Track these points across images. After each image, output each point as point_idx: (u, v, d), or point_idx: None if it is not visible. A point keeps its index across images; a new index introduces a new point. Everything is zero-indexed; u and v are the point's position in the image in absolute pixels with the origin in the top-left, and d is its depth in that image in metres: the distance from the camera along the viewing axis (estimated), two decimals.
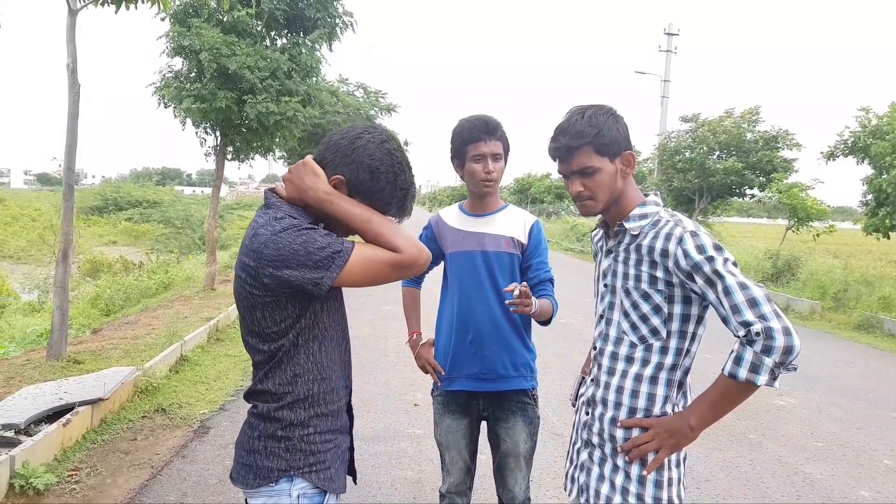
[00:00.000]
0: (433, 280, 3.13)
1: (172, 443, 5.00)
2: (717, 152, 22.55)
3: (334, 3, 11.72)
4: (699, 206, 22.38)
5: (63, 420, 4.59)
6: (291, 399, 1.83)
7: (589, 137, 1.97)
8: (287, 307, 1.77)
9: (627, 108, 2.09)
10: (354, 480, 2.11)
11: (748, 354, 1.75)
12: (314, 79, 12.02)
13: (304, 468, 1.83)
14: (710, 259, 1.82)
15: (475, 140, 2.76)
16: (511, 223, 2.89)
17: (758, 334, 1.73)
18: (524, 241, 2.88)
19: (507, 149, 2.84)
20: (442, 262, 3.03)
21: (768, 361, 1.73)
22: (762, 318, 1.74)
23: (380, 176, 1.83)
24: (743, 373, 1.76)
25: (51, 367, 6.16)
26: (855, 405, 6.75)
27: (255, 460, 1.84)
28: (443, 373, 2.94)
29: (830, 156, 14.94)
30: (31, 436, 4.33)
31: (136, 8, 6.03)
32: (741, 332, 1.77)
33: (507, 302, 2.63)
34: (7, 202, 44.25)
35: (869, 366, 8.80)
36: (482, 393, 2.90)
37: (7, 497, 3.86)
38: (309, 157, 1.86)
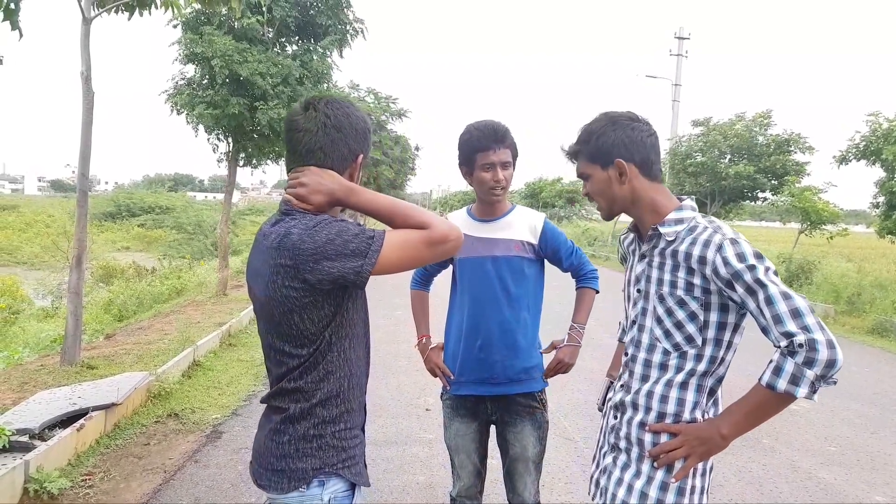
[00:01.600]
0: (443, 285, 3.14)
1: (185, 447, 5.02)
2: (729, 156, 22.49)
3: (345, 9, 11.78)
4: (711, 210, 22.30)
5: (77, 425, 4.62)
6: (323, 396, 1.84)
7: (582, 145, 2.05)
8: (324, 306, 1.78)
9: (638, 112, 2.08)
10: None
11: (789, 366, 1.70)
12: (325, 85, 12.09)
13: (337, 464, 1.85)
14: (752, 268, 1.76)
15: (484, 148, 2.75)
16: (520, 226, 2.89)
17: (801, 346, 1.68)
18: (534, 241, 2.88)
19: (515, 155, 2.84)
20: (450, 266, 3.04)
21: (809, 374, 1.68)
22: (805, 329, 1.69)
23: (370, 127, 1.98)
24: (782, 384, 1.72)
25: (64, 373, 6.20)
26: (869, 409, 6.70)
27: (288, 464, 1.83)
28: (452, 377, 2.95)
29: (843, 160, 14.89)
30: (46, 440, 4.36)
31: (149, 14, 6.07)
32: (783, 343, 1.71)
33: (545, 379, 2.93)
34: (21, 209, 44.61)
35: (883, 370, 8.74)
36: (490, 397, 2.91)
37: (21, 501, 3.89)
38: (306, 168, 1.87)
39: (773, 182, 21.55)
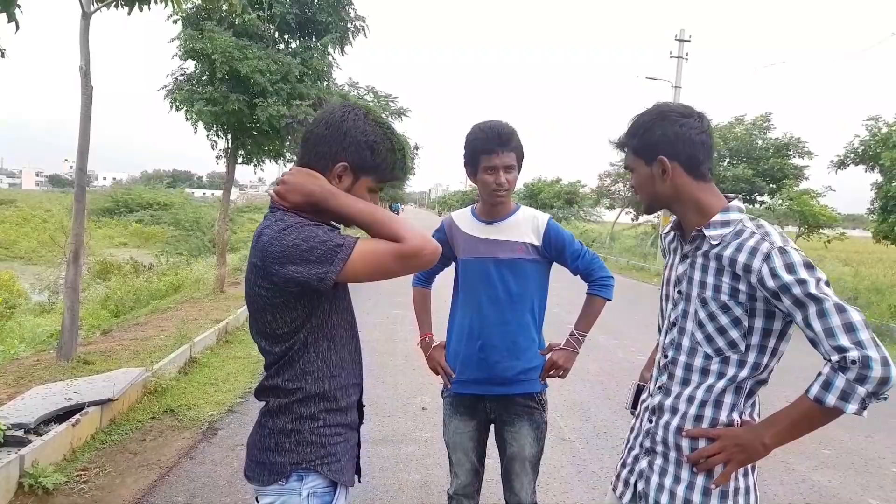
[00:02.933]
0: (447, 285, 3.13)
1: (181, 444, 5.02)
2: (728, 159, 22.51)
3: (346, 7, 11.77)
4: None
5: (72, 420, 4.62)
6: (302, 395, 1.86)
7: (629, 138, 2.01)
8: (296, 307, 1.79)
9: (693, 107, 2.01)
10: (359, 479, 2.13)
11: (839, 381, 1.66)
12: (325, 83, 12.08)
13: (315, 460, 1.86)
14: (802, 281, 1.71)
15: (488, 152, 2.74)
16: (524, 227, 2.87)
17: (854, 362, 1.63)
18: (538, 243, 2.86)
19: (520, 158, 2.81)
20: (453, 264, 3.04)
21: (861, 391, 1.65)
22: (859, 345, 1.64)
23: (378, 147, 1.87)
24: (832, 399, 1.68)
25: (61, 368, 6.19)
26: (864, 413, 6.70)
27: (268, 457, 1.87)
28: (453, 376, 2.95)
29: (841, 164, 14.92)
30: (41, 435, 4.36)
31: (149, 9, 6.05)
32: (834, 357, 1.66)
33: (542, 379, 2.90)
34: (18, 203, 44.52)
35: None
36: (489, 396, 2.91)
37: (16, 496, 3.88)
38: (297, 167, 1.89)
39: (771, 185, 21.58)
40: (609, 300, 2.98)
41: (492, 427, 3.02)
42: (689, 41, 26.75)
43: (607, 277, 2.98)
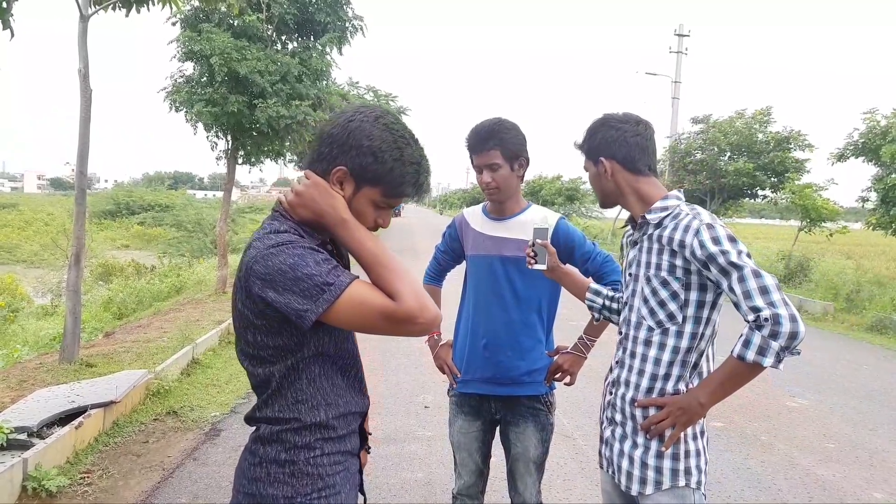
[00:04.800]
0: (457, 283, 3.12)
1: (184, 445, 5.02)
2: (729, 153, 22.45)
3: (344, 6, 11.77)
4: (711, 207, 22.25)
5: (75, 423, 4.62)
6: (297, 424, 1.67)
7: (582, 143, 2.35)
8: (282, 335, 1.61)
9: (637, 110, 2.19)
10: (365, 501, 2.08)
11: (756, 338, 1.88)
12: (324, 82, 12.09)
13: (311, 493, 1.66)
14: (725, 252, 1.95)
15: (472, 151, 2.75)
16: (532, 226, 2.83)
17: (766, 320, 1.85)
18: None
19: (512, 154, 2.72)
20: (464, 261, 3.03)
21: (774, 345, 1.85)
22: (771, 304, 1.86)
23: (383, 155, 1.64)
24: (751, 355, 1.89)
25: (63, 371, 6.20)
26: (868, 406, 6.70)
27: (258, 489, 1.67)
28: (458, 375, 2.94)
29: (840, 157, 14.88)
30: (44, 438, 4.37)
31: (147, 10, 6.05)
32: (750, 317, 1.89)
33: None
34: (20, 207, 44.57)
35: (882, 367, 8.74)
36: (495, 396, 2.90)
37: (20, 499, 3.89)
38: (316, 177, 1.67)
39: (772, 179, 21.51)
40: None
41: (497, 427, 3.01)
42: (688, 36, 26.75)
43: (616, 273, 2.87)
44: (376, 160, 1.64)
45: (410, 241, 26.71)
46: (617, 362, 2.29)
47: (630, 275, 2.26)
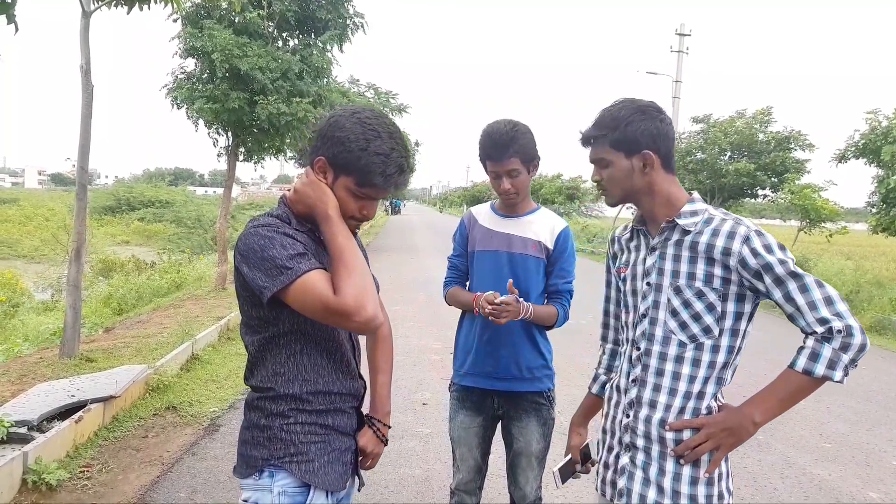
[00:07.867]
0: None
1: (183, 440, 5.04)
2: (729, 153, 22.48)
3: (345, 4, 11.77)
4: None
5: (75, 417, 4.64)
6: (274, 393, 1.86)
7: (608, 131, 2.00)
8: (261, 306, 1.79)
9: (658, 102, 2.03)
10: (360, 486, 2.10)
11: (826, 351, 1.75)
12: (325, 80, 12.09)
13: (284, 458, 1.84)
14: (783, 261, 1.82)
15: (490, 158, 2.75)
16: (540, 227, 2.88)
17: (839, 331, 1.74)
18: (550, 246, 2.87)
19: (528, 159, 2.75)
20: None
21: (845, 358, 1.74)
22: (839, 316, 1.75)
23: (350, 145, 1.78)
24: (820, 369, 1.76)
25: (63, 365, 6.22)
26: (865, 406, 6.72)
27: (245, 450, 1.90)
28: (496, 297, 2.73)
29: (842, 158, 14.87)
30: (44, 432, 4.38)
31: (149, 8, 6.07)
32: (819, 329, 1.76)
33: (484, 310, 2.67)
34: (21, 202, 44.52)
35: (880, 367, 8.75)
36: (496, 392, 2.92)
37: (20, 492, 3.91)
38: (313, 176, 1.85)
39: (773, 179, 21.54)
40: (558, 325, 2.92)
41: (498, 423, 3.03)
42: (689, 35, 26.73)
43: (566, 305, 2.91)
44: (345, 149, 1.79)
45: (410, 238, 26.72)
46: (633, 380, 2.04)
47: (648, 284, 2.03)
